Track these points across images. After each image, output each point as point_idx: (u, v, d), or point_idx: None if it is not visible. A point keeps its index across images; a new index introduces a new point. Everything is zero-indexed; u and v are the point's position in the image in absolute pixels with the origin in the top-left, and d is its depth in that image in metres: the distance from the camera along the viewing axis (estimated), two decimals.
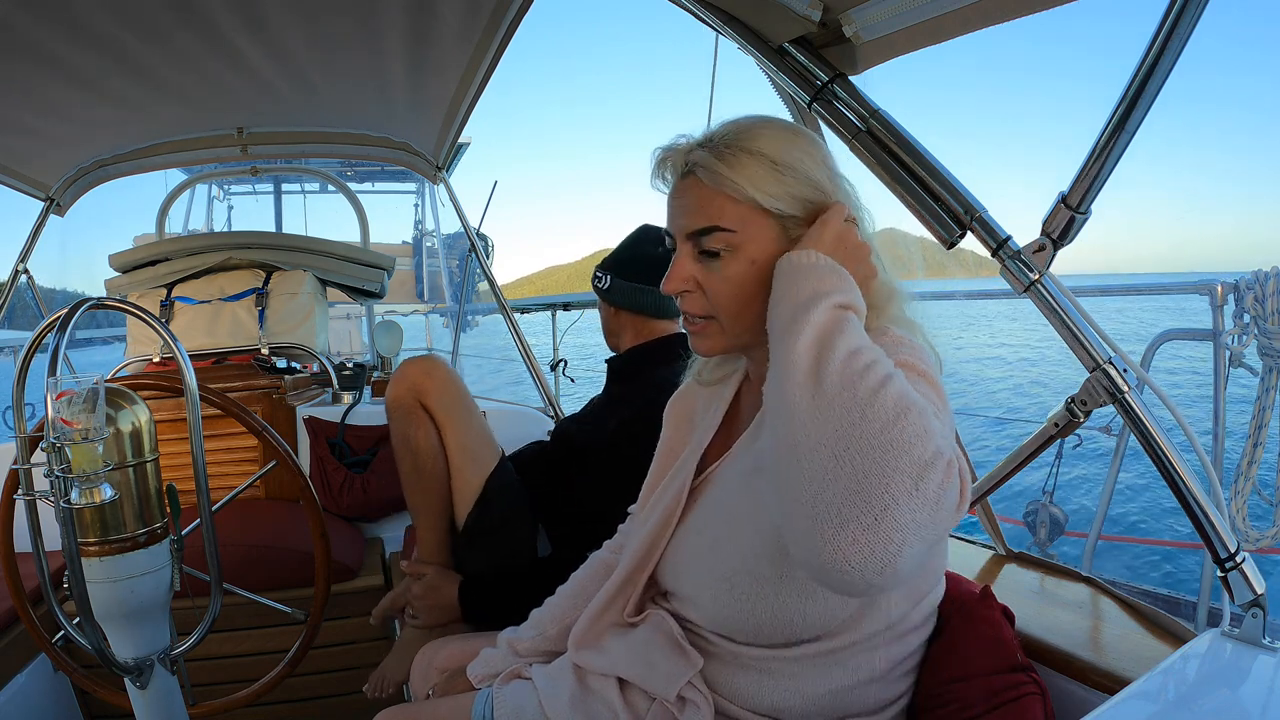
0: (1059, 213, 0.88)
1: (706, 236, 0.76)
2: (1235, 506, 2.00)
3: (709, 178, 0.76)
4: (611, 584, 0.93)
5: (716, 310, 0.79)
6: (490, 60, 1.62)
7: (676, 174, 0.80)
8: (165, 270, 2.49)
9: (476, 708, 0.92)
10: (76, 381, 0.92)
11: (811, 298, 0.65)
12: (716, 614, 0.79)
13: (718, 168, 0.75)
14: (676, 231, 0.79)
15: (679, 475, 0.91)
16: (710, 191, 0.76)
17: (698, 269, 0.78)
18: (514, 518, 1.41)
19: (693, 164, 0.77)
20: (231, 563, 1.61)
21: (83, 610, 0.97)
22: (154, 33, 1.41)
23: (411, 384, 1.40)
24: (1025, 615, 0.99)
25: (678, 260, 0.79)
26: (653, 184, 0.84)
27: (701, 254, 0.78)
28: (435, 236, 9.31)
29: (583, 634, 0.92)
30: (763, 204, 0.75)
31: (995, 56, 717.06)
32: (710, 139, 0.78)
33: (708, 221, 0.76)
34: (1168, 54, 0.75)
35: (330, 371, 2.36)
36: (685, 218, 0.78)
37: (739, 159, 0.75)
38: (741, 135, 0.77)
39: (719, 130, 0.79)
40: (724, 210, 0.76)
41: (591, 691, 0.88)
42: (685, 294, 0.80)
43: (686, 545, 0.86)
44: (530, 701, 0.90)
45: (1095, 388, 0.91)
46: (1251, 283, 1.96)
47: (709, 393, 0.96)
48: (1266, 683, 0.74)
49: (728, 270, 0.77)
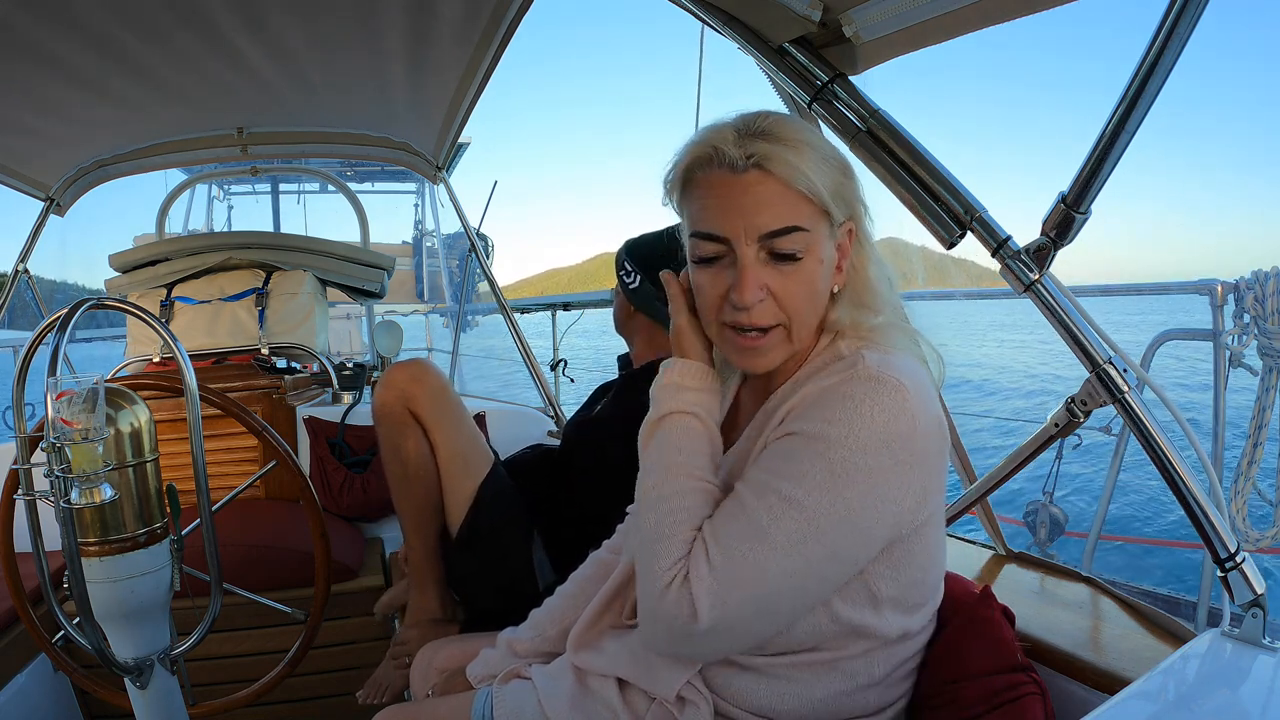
0: (1059, 213, 0.88)
1: (784, 238, 0.70)
2: (1235, 506, 2.00)
3: (784, 171, 0.69)
4: (609, 586, 0.92)
5: (789, 317, 0.73)
6: (490, 60, 1.62)
7: (730, 168, 0.71)
8: (165, 270, 2.49)
9: (476, 707, 0.92)
10: (76, 381, 0.92)
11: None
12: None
13: (791, 159, 0.69)
14: (740, 233, 0.70)
15: None
16: (783, 187, 0.69)
17: (769, 274, 0.72)
18: (508, 524, 1.39)
19: (758, 156, 0.69)
20: (231, 563, 1.61)
21: (83, 610, 0.97)
22: (154, 33, 1.41)
23: (400, 390, 1.36)
24: (1025, 615, 0.99)
25: (748, 267, 0.71)
26: (677, 177, 0.76)
27: (773, 259, 0.71)
28: (435, 236, 9.31)
29: (580, 636, 0.92)
30: (827, 201, 0.71)
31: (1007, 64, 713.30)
32: (760, 129, 0.71)
33: (787, 221, 0.70)
34: (1168, 54, 0.75)
35: (330, 371, 2.36)
36: (758, 216, 0.70)
37: (803, 152, 0.70)
38: (789, 127, 0.71)
39: (757, 121, 0.72)
40: (799, 208, 0.70)
41: (591, 692, 0.87)
42: (756, 305, 0.72)
43: None
44: (530, 701, 0.89)
45: (1095, 388, 0.91)
46: (1251, 283, 1.96)
47: None
48: (1266, 683, 0.74)
49: (803, 273, 0.71)
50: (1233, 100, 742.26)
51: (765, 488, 0.69)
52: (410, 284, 9.42)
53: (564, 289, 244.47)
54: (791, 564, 0.67)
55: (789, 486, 0.68)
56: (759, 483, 0.70)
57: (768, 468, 0.71)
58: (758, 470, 0.72)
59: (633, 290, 1.42)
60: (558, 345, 3.51)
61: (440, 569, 1.41)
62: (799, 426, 0.70)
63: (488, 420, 2.19)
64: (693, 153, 0.74)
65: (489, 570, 1.37)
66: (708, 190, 0.73)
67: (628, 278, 1.43)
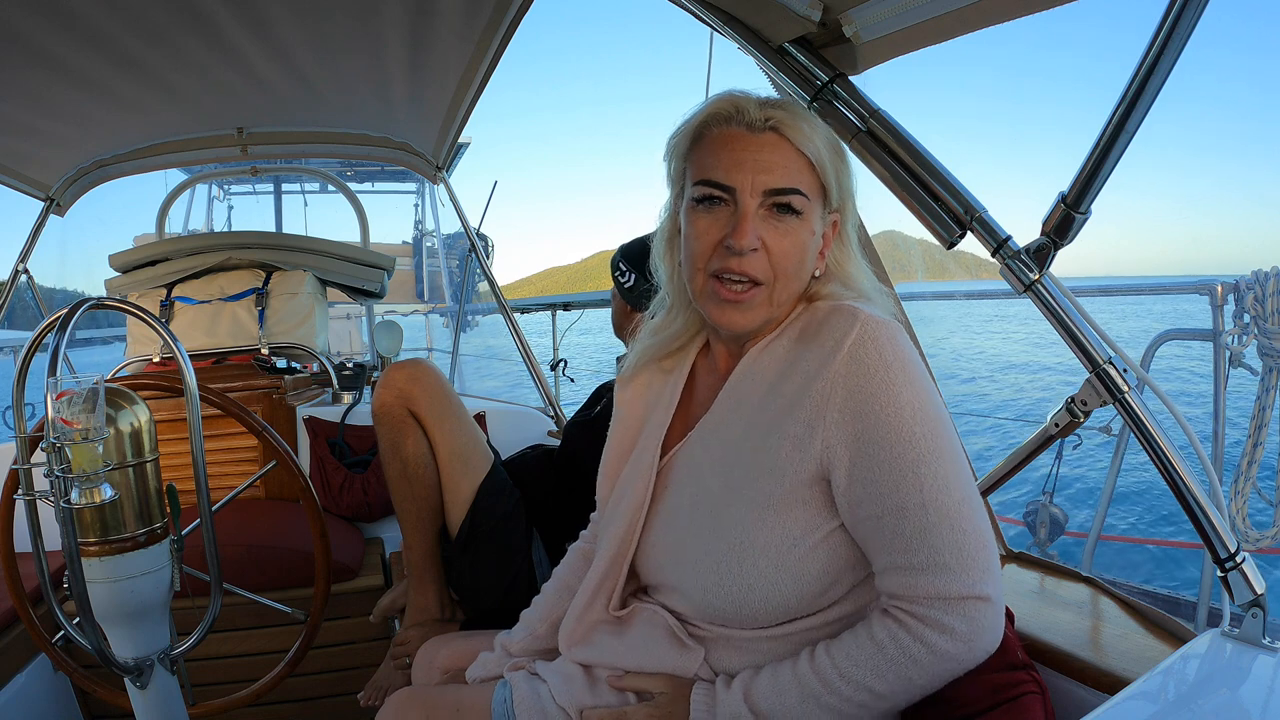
0: (1059, 213, 0.88)
1: (786, 197, 0.74)
2: (1235, 506, 2.00)
3: (797, 137, 0.75)
4: (591, 581, 0.90)
5: (776, 274, 0.76)
6: (490, 60, 1.62)
7: (748, 126, 0.76)
8: (165, 270, 2.49)
9: (497, 698, 0.90)
10: (76, 381, 0.92)
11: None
12: (706, 604, 0.78)
13: (806, 130, 0.75)
14: (747, 185, 0.75)
15: (643, 460, 0.89)
16: (795, 152, 0.75)
17: (766, 229, 0.75)
18: (508, 523, 1.39)
19: (776, 121, 0.75)
20: (231, 563, 1.61)
21: (83, 610, 0.97)
22: (154, 33, 1.41)
23: (399, 390, 1.36)
24: (1025, 615, 0.99)
25: (746, 215, 0.75)
26: (689, 130, 0.80)
27: (772, 213, 0.75)
28: (435, 236, 9.31)
29: (571, 632, 0.91)
30: (829, 179, 0.76)
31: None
32: (779, 104, 0.77)
33: (792, 182, 0.75)
34: (1167, 54, 0.75)
35: (330, 371, 2.36)
36: (767, 174, 0.74)
37: (817, 129, 0.76)
38: (805, 110, 0.77)
39: (779, 99, 0.78)
40: (805, 176, 0.75)
41: (598, 680, 0.87)
42: (749, 254, 0.75)
43: (664, 534, 0.84)
44: (544, 693, 0.89)
45: (1095, 388, 0.91)
46: (1251, 283, 1.96)
47: (661, 371, 0.94)
48: (1266, 683, 0.74)
49: (797, 235, 0.76)
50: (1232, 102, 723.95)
51: (905, 484, 0.69)
52: (410, 284, 9.43)
53: (563, 287, 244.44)
54: (967, 490, 0.70)
55: (920, 470, 0.69)
56: (895, 494, 0.70)
57: (884, 481, 0.70)
58: (877, 493, 0.70)
59: (628, 289, 1.44)
60: (558, 345, 3.51)
61: (440, 569, 1.41)
62: (859, 428, 0.70)
63: (488, 420, 2.19)
64: (713, 107, 0.78)
65: (489, 570, 1.37)
66: (722, 143, 0.77)
67: (623, 278, 1.45)
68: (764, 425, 0.76)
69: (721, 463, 0.79)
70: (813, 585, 0.74)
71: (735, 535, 0.75)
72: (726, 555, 0.75)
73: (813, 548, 0.74)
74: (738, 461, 0.77)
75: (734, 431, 0.79)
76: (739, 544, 0.74)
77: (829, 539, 0.74)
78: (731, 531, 0.75)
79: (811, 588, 0.74)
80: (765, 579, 0.74)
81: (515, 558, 1.38)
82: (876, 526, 0.71)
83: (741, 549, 0.74)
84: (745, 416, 0.79)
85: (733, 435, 0.79)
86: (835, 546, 0.75)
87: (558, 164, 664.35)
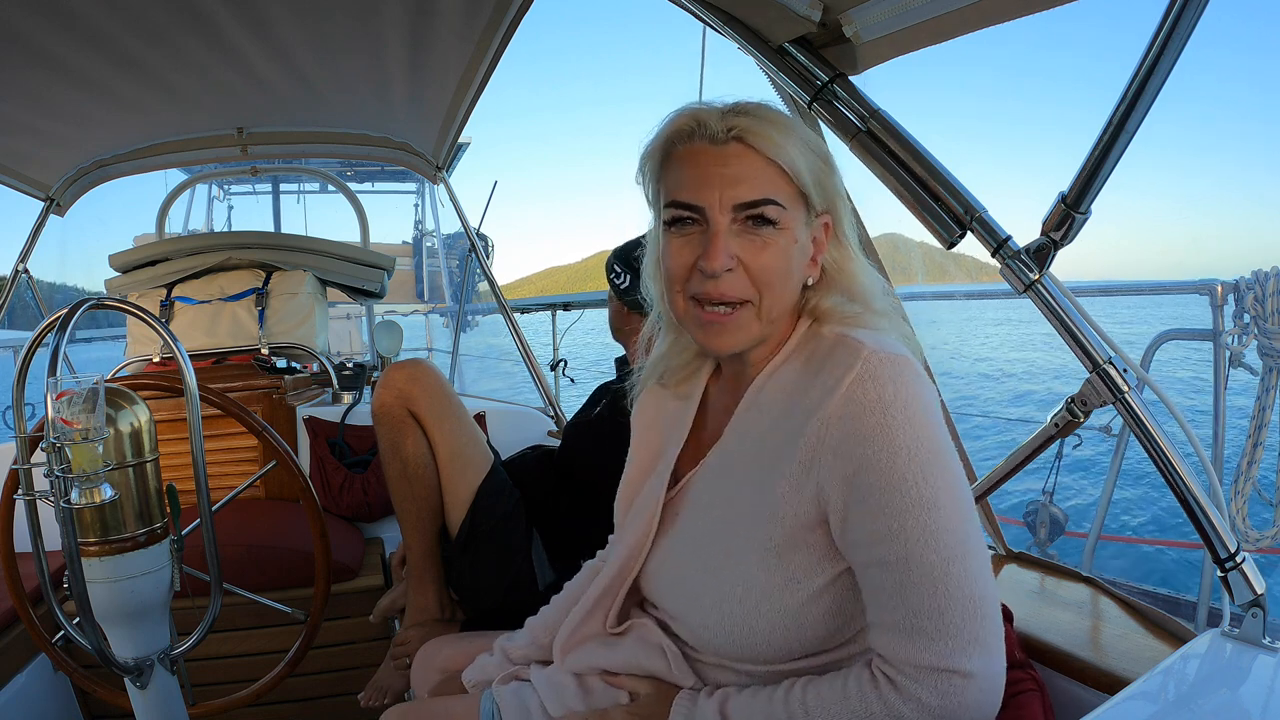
0: (1059, 213, 0.88)
1: (759, 209, 0.70)
2: (1235, 506, 2.01)
3: (765, 145, 0.70)
4: (592, 594, 0.89)
5: (760, 291, 0.72)
6: (490, 60, 1.62)
7: (710, 140, 0.71)
8: (165, 270, 2.49)
9: (485, 706, 0.91)
10: (76, 381, 0.92)
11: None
12: (706, 640, 0.76)
13: (773, 135, 0.70)
14: (715, 202, 0.70)
15: (654, 486, 0.87)
16: (763, 161, 0.70)
17: (740, 245, 0.71)
18: (508, 523, 1.38)
19: (739, 130, 0.70)
20: (231, 563, 1.61)
21: (83, 610, 0.97)
22: (154, 33, 1.41)
23: (399, 390, 1.36)
24: (1025, 615, 0.99)
25: (718, 235, 0.70)
26: (656, 149, 0.75)
27: (746, 227, 0.71)
28: (435, 236, 9.32)
29: (565, 643, 0.90)
30: (806, 185, 0.71)
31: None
32: (743, 109, 0.72)
33: (762, 193, 0.70)
34: (1167, 54, 0.75)
35: (330, 371, 2.36)
36: (734, 187, 0.70)
37: (786, 132, 0.70)
38: (773, 110, 0.72)
39: (742, 103, 0.73)
40: (778, 184, 0.70)
41: (589, 687, 0.87)
42: (725, 275, 0.71)
43: (668, 566, 0.82)
44: (532, 700, 0.89)
45: (1095, 388, 0.91)
46: (1251, 283, 1.96)
47: (674, 396, 0.90)
48: (1266, 683, 0.74)
49: (776, 247, 0.71)
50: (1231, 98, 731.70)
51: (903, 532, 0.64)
52: (410, 284, 9.43)
53: (563, 286, 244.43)
54: (976, 557, 0.65)
55: (921, 515, 0.63)
56: (887, 543, 0.65)
57: (871, 529, 0.65)
58: (865, 541, 0.66)
59: (624, 290, 1.44)
60: (558, 345, 3.51)
61: (439, 569, 1.41)
62: (850, 471, 0.66)
63: (488, 420, 2.19)
64: (674, 124, 0.74)
65: (488, 570, 1.37)
66: (687, 160, 0.72)
67: (618, 279, 1.45)
68: (766, 462, 0.73)
69: (726, 500, 0.77)
70: (819, 629, 0.71)
71: (738, 577, 0.72)
72: (728, 597, 0.72)
73: (818, 591, 0.70)
74: (741, 498, 0.75)
75: (740, 466, 0.77)
76: (741, 586, 0.72)
77: (836, 582, 0.71)
78: (734, 573, 0.73)
79: (818, 631, 0.71)
80: (768, 622, 0.71)
81: (515, 558, 1.38)
82: (864, 576, 0.68)
83: (744, 592, 0.71)
84: (750, 450, 0.76)
85: (738, 471, 0.77)
86: (843, 590, 0.71)
87: (558, 164, 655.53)
